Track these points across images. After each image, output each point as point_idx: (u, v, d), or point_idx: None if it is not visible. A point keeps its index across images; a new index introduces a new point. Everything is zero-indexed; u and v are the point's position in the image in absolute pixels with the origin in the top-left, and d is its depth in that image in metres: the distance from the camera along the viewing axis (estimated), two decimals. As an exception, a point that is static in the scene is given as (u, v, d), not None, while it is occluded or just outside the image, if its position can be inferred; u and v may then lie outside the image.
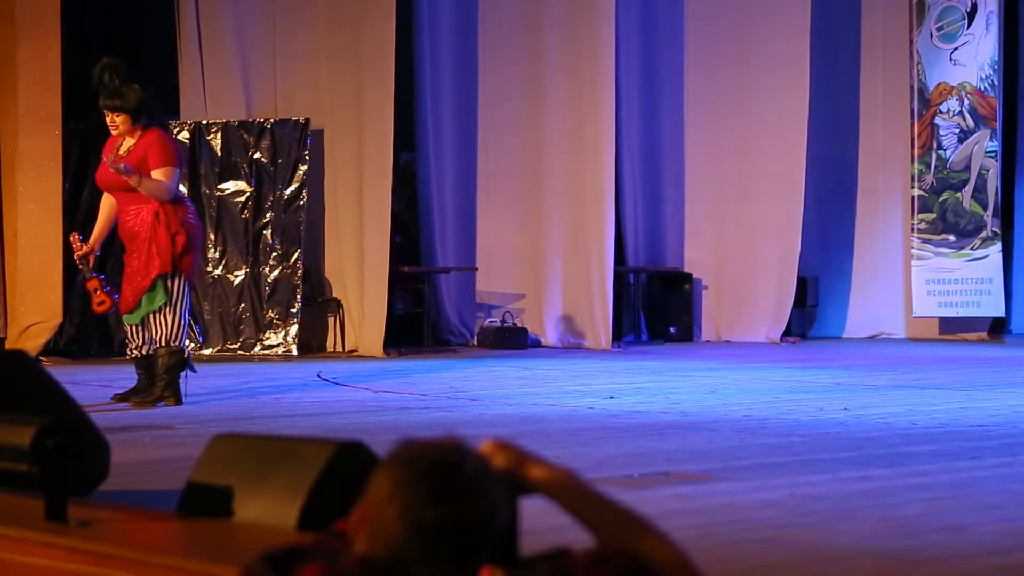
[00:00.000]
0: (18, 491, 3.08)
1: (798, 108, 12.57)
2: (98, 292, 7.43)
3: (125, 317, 7.44)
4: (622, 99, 12.57)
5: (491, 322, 12.32)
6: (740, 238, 12.95)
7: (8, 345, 10.30)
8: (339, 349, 11.70)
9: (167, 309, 7.29)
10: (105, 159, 7.42)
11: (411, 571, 1.87)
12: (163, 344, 7.30)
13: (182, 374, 7.39)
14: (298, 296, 11.38)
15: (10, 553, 2.76)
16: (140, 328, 7.38)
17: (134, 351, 7.46)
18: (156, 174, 7.29)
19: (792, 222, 12.63)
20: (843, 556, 3.54)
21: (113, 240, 7.99)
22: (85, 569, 2.61)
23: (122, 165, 7.17)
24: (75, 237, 7.58)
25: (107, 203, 7.58)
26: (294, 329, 11.30)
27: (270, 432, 5.47)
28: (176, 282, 7.31)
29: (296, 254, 11.43)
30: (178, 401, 7.33)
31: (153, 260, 7.26)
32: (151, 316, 7.31)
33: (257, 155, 11.55)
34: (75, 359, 10.62)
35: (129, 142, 7.37)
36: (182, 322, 7.34)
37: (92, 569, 2.59)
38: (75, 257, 7.58)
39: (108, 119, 7.39)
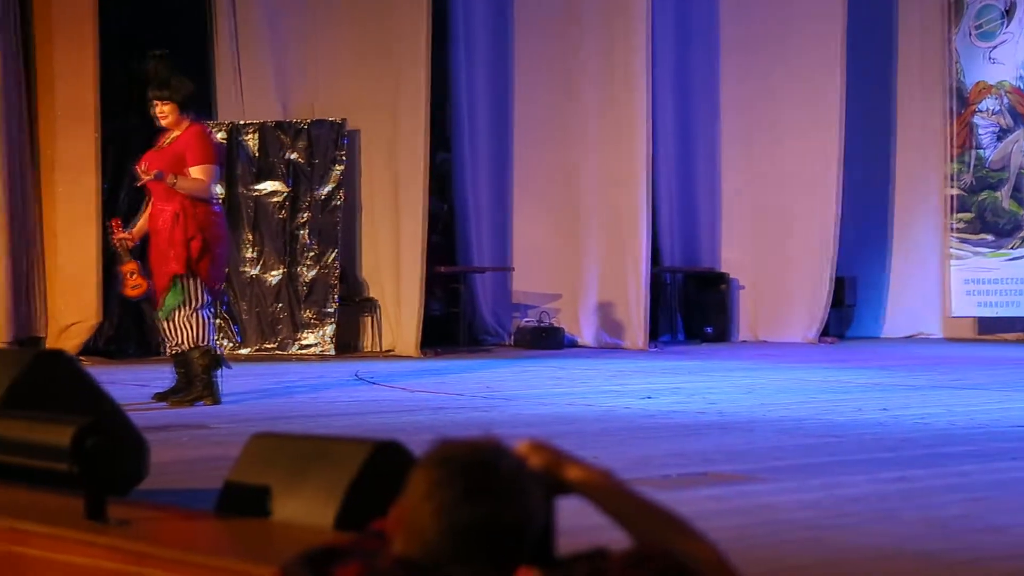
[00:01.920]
0: (58, 490, 3.10)
1: (833, 107, 12.50)
2: (134, 275, 7.50)
3: (157, 314, 7.54)
4: (657, 99, 12.54)
5: (527, 322, 12.32)
6: (776, 238, 12.90)
7: (48, 344, 10.38)
8: (375, 349, 11.72)
9: (186, 309, 7.34)
10: (153, 148, 7.52)
11: (447, 571, 1.87)
12: (191, 345, 7.35)
13: (217, 372, 7.42)
14: (334, 296, 11.41)
15: (51, 552, 2.78)
16: (169, 325, 7.44)
17: (173, 348, 7.54)
18: (195, 171, 7.35)
19: (829, 222, 12.56)
20: (882, 557, 3.52)
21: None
22: (125, 568, 2.62)
23: (153, 174, 7.24)
24: (116, 222, 7.67)
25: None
26: (330, 329, 11.33)
27: (307, 431, 5.48)
28: (192, 283, 7.35)
29: (332, 254, 11.47)
30: (215, 400, 7.37)
31: (169, 261, 7.32)
32: (174, 316, 7.37)
33: (293, 155, 11.59)
34: (113, 359, 10.68)
35: (174, 134, 7.44)
36: (204, 321, 7.37)
37: (132, 568, 2.61)
38: (113, 240, 7.63)
39: (156, 109, 7.44)
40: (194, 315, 7.34)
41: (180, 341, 7.38)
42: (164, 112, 7.41)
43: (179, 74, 7.47)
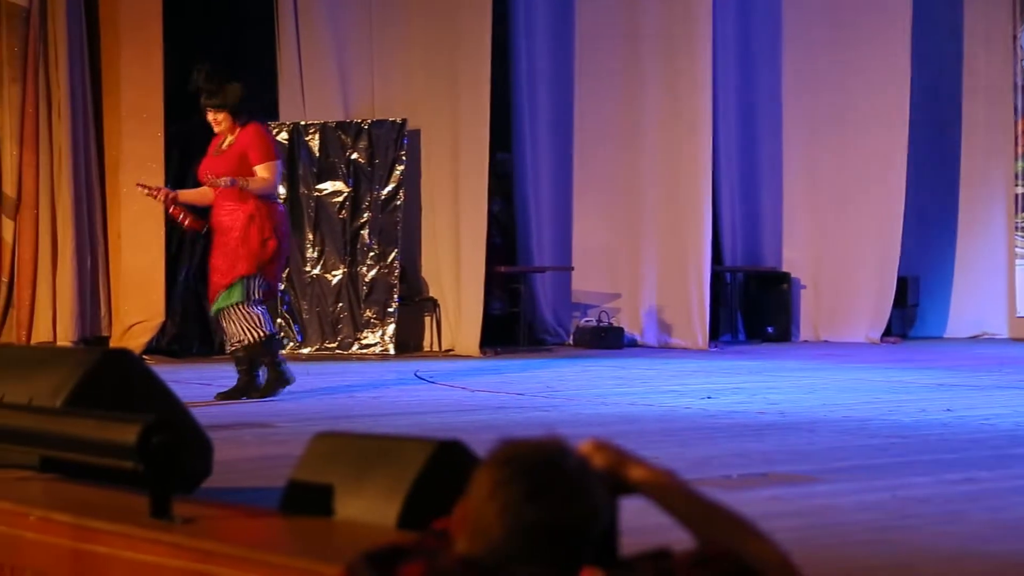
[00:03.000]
0: (123, 488, 3.13)
1: (898, 105, 12.39)
2: (182, 216, 7.61)
3: (212, 310, 7.67)
4: (718, 97, 12.48)
5: (587, 321, 12.30)
6: (839, 237, 12.80)
7: (112, 344, 10.48)
8: (436, 348, 11.75)
9: (243, 307, 7.46)
10: (210, 153, 7.67)
11: (511, 571, 1.87)
12: (252, 340, 7.47)
13: (281, 357, 7.64)
14: (395, 295, 11.45)
15: (117, 549, 2.81)
16: (228, 323, 7.53)
17: (233, 345, 7.63)
18: (259, 170, 7.48)
19: (892, 220, 12.45)
20: (948, 559, 3.49)
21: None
22: (190, 566, 2.64)
23: (221, 181, 7.33)
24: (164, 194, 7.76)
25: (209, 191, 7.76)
26: (391, 328, 11.37)
27: (369, 431, 5.50)
28: (254, 282, 7.48)
29: (393, 254, 11.50)
30: (284, 381, 7.53)
31: (240, 260, 7.43)
32: (228, 313, 7.46)
33: (354, 155, 11.64)
34: (176, 358, 10.77)
35: (230, 139, 7.56)
36: (260, 313, 7.50)
37: (197, 566, 2.63)
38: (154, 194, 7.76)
39: (210, 116, 7.63)
40: (250, 310, 7.48)
41: (241, 338, 7.47)
42: (218, 119, 7.60)
43: (227, 79, 7.60)
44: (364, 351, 11.31)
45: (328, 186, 11.63)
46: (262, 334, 7.48)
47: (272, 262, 7.49)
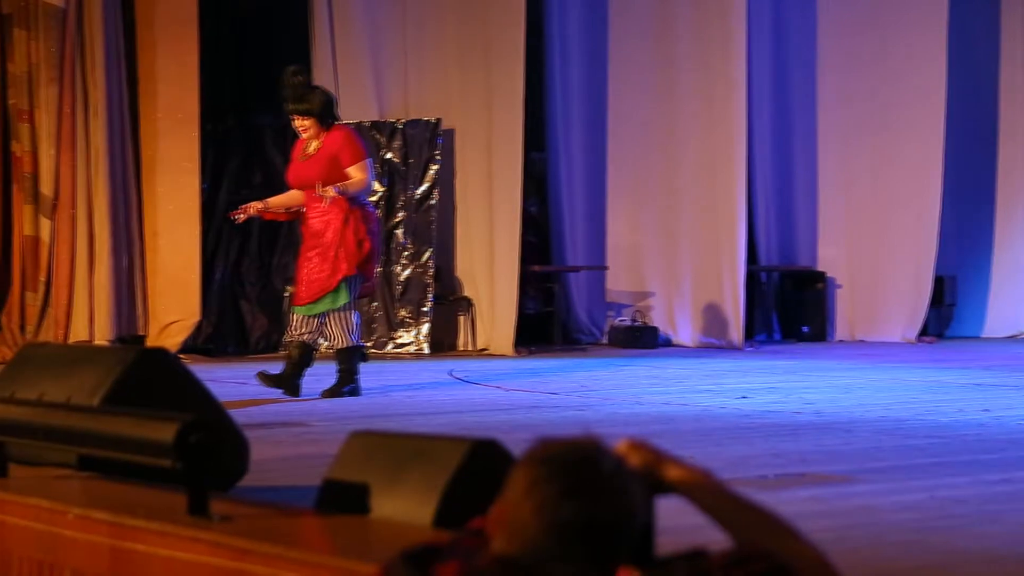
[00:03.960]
0: (161, 486, 3.14)
1: (935, 103, 12.32)
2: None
3: (298, 309, 7.67)
4: (753, 97, 12.44)
5: (621, 321, 12.28)
6: (875, 235, 12.73)
7: (148, 343, 10.54)
8: (470, 348, 11.76)
9: (347, 311, 7.60)
10: (296, 158, 7.75)
11: (548, 570, 1.87)
12: (345, 344, 7.60)
13: (360, 367, 7.80)
14: (429, 295, 11.47)
15: (155, 547, 2.82)
16: (310, 319, 7.57)
17: (298, 337, 7.62)
18: (353, 171, 7.59)
19: (929, 219, 12.38)
20: (988, 560, 3.47)
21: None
22: (227, 563, 2.65)
23: (328, 192, 7.43)
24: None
25: (297, 193, 7.82)
26: (426, 328, 11.39)
27: (405, 430, 5.52)
28: (356, 283, 7.67)
29: (427, 253, 11.52)
30: (353, 391, 7.72)
31: (340, 263, 7.54)
32: (330, 316, 7.56)
33: (389, 155, 11.66)
34: (212, 357, 10.82)
35: (315, 143, 7.60)
36: (355, 321, 7.68)
37: (234, 564, 2.64)
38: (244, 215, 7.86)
39: (296, 123, 7.68)
40: (350, 314, 7.61)
41: (339, 342, 7.59)
42: (305, 126, 7.65)
43: (313, 86, 7.72)
44: (399, 350, 11.33)
45: (363, 186, 11.64)
46: (352, 342, 7.65)
47: (368, 261, 7.66)
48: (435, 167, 11.62)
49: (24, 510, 3.19)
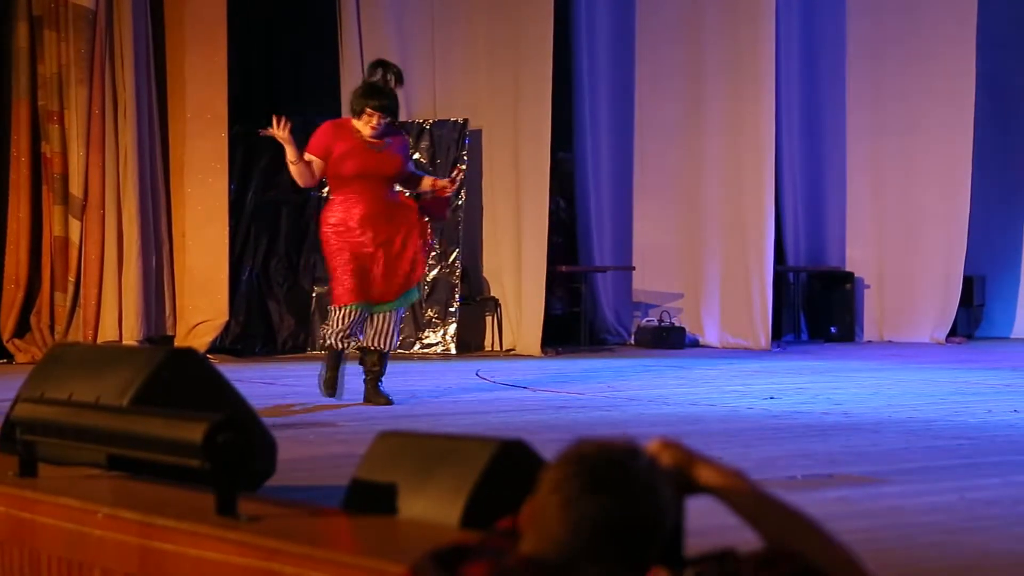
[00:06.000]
0: (190, 486, 3.15)
1: (964, 103, 12.25)
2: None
3: (386, 304, 7.45)
4: (782, 96, 12.40)
5: (648, 321, 12.26)
6: (903, 236, 12.67)
7: (177, 343, 10.57)
8: (497, 348, 11.75)
9: (400, 312, 7.56)
10: (360, 148, 7.38)
11: (578, 570, 1.87)
12: (391, 345, 7.51)
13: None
14: (456, 295, 11.47)
15: (183, 546, 2.83)
16: (384, 324, 7.46)
17: (377, 344, 7.49)
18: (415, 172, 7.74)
19: (958, 220, 12.31)
20: (1018, 561, 3.44)
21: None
22: (255, 563, 2.66)
23: (445, 187, 7.54)
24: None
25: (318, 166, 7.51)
26: (452, 328, 11.39)
27: (432, 430, 5.52)
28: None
29: (454, 253, 11.52)
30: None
31: (419, 265, 7.54)
32: (392, 314, 7.45)
33: (416, 155, 11.66)
34: (240, 357, 10.85)
35: (380, 141, 7.46)
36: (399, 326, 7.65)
37: (262, 563, 2.64)
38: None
39: (373, 118, 7.37)
40: (399, 319, 7.59)
41: (386, 343, 7.49)
42: (381, 124, 7.42)
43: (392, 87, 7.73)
44: (426, 351, 11.33)
45: (390, 186, 11.65)
46: (396, 344, 7.62)
47: (426, 263, 7.80)
48: (462, 167, 11.62)
49: (54, 510, 3.21)
